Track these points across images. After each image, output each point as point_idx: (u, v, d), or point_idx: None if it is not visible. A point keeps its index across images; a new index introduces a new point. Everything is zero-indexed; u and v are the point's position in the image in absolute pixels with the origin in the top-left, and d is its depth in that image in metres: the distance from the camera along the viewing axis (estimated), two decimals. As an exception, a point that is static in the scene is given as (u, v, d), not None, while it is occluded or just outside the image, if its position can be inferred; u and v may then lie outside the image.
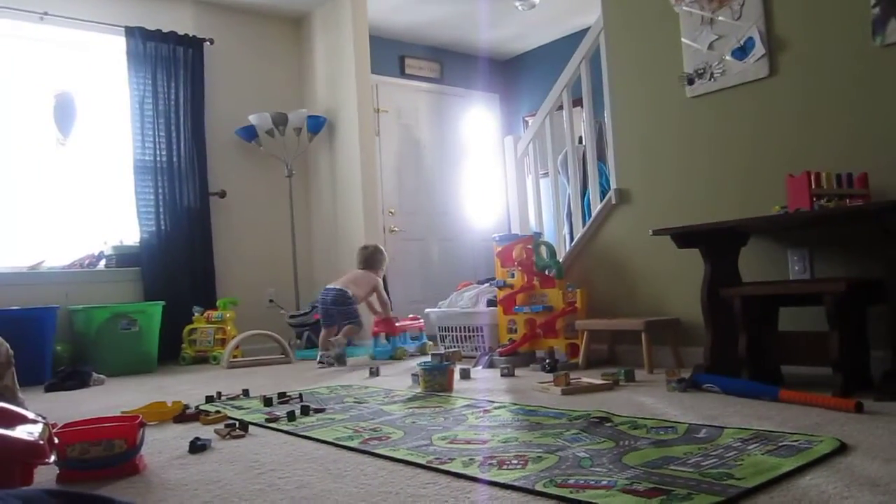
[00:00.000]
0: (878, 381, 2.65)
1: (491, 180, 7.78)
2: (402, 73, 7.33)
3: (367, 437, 2.39)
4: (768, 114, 3.53)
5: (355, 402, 3.13)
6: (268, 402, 3.16)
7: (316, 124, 6.15)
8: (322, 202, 6.47)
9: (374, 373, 4.10)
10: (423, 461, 2.02)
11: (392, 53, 7.22)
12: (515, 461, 1.97)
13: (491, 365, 4.19)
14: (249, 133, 6.05)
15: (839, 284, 2.65)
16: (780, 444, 1.99)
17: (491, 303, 4.78)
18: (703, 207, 3.74)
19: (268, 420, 2.77)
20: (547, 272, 4.37)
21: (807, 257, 3.36)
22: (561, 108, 4.86)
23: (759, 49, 3.58)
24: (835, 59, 3.31)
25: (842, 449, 1.93)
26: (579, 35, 5.65)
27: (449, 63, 7.68)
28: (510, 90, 8.03)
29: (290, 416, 2.76)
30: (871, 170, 3.09)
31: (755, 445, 1.99)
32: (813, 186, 2.86)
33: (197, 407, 3.12)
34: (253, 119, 5.99)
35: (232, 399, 3.40)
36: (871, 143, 3.17)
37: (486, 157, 7.84)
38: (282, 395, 3.28)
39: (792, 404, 2.57)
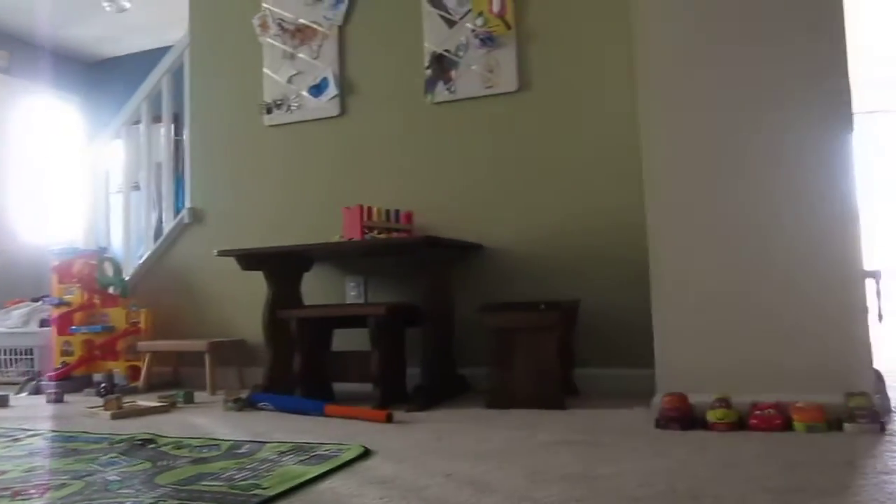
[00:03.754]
0: (411, 394, 2.99)
1: (64, 189, 7.09)
2: (-44, 57, 6.35)
3: None
4: (337, 150, 3.82)
5: None
6: None
7: None
8: None
9: None
10: (-86, 498, 1.74)
11: (-57, 32, 6.23)
12: (34, 490, 1.80)
13: (37, 391, 3.78)
14: None
15: (380, 308, 2.94)
16: (314, 453, 2.12)
17: (46, 322, 4.33)
18: (274, 231, 3.87)
19: None
20: (111, 290, 4.11)
21: (362, 284, 3.67)
22: (140, 122, 4.64)
23: (332, 89, 3.85)
24: (395, 109, 3.71)
25: (365, 454, 2.12)
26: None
27: (20, 54, 6.85)
28: (95, 95, 7.43)
29: None
30: (415, 209, 3.51)
31: (290, 457, 2.10)
32: (365, 219, 3.14)
33: None
34: None
35: None
36: (418, 185, 3.61)
37: (59, 164, 7.12)
38: None
39: (336, 418, 2.77)
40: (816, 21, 2.44)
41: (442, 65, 3.64)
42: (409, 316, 3.15)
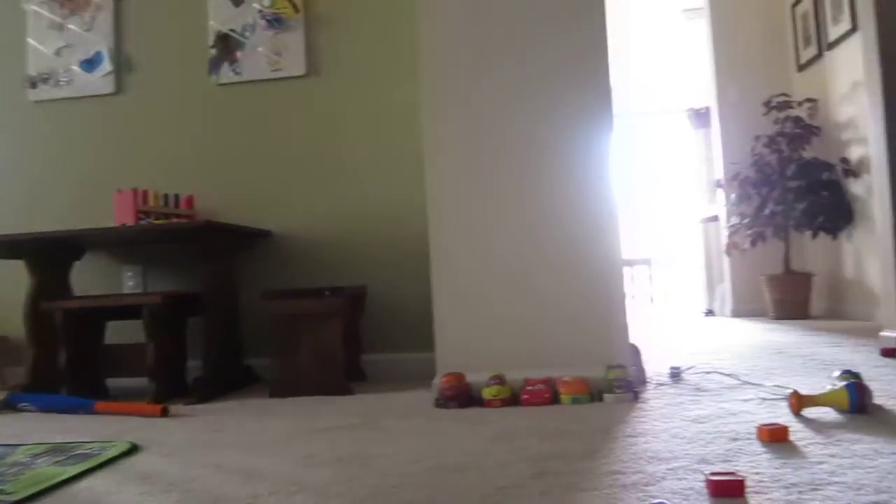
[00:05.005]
0: (190, 387, 2.87)
1: None
2: None
3: None
4: (112, 129, 3.57)
5: None
6: None
7: None
8: None
9: None
10: None
11: None
12: None
13: None
14: None
15: (155, 297, 2.79)
16: (73, 453, 1.98)
17: None
18: (40, 217, 3.55)
19: None
20: None
21: (141, 273, 3.47)
22: None
23: (107, 65, 3.59)
24: (176, 88, 3.52)
25: (133, 450, 2.01)
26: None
27: None
28: None
29: None
30: (198, 193, 3.37)
31: (45, 458, 1.94)
32: (140, 203, 2.96)
33: None
34: None
35: None
36: (201, 169, 3.46)
37: None
38: None
39: (108, 415, 2.59)
40: (581, 31, 2.61)
41: (227, 45, 3.51)
42: (189, 305, 3.02)
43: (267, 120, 3.46)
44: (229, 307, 3.14)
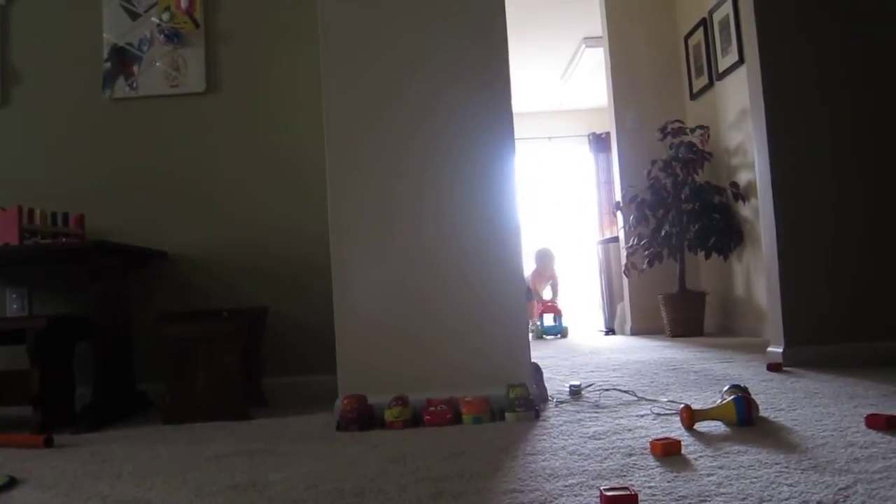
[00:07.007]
0: (79, 415, 2.72)
1: None
2: None
3: None
4: (-5, 144, 3.39)
5: None
6: None
7: None
8: None
9: None
10: None
11: None
12: None
13: None
14: None
15: (40, 321, 2.64)
16: (-57, 489, 1.84)
17: None
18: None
19: None
20: None
21: (26, 295, 3.29)
22: None
23: (-10, 76, 3.42)
24: (67, 102, 3.38)
25: (10, 484, 1.89)
26: None
27: None
28: None
29: None
30: (90, 212, 3.23)
31: (-90, 495, 1.80)
32: (25, 222, 2.81)
33: None
34: None
35: None
36: (93, 186, 3.32)
37: None
38: None
39: (-16, 447, 2.43)
40: (486, 61, 2.64)
41: (123, 58, 3.39)
42: (78, 329, 2.88)
43: (164, 137, 3.35)
44: (121, 330, 3.01)
